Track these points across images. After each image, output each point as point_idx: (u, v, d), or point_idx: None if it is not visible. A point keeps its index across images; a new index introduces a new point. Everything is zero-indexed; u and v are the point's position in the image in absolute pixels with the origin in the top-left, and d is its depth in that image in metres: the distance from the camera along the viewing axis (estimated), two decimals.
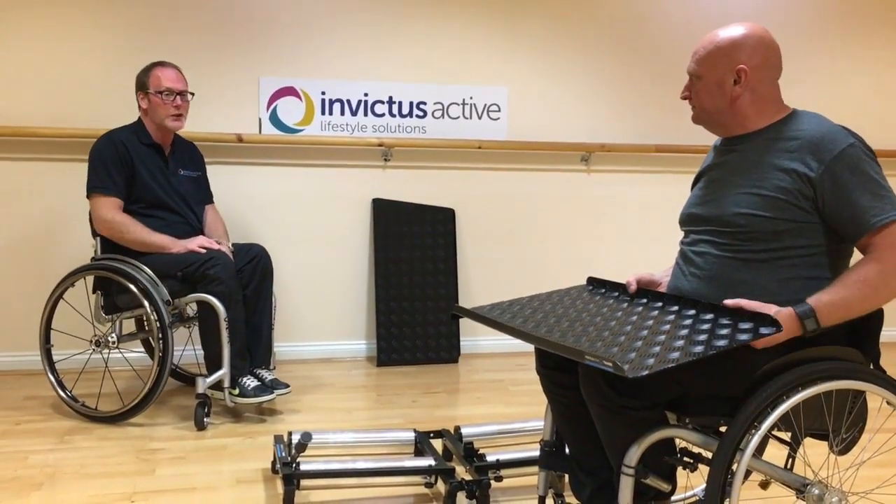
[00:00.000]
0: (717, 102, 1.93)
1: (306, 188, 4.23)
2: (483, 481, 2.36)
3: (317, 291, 4.29)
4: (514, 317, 2.01)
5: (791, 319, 1.69)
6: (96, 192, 3.20)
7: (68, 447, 2.88)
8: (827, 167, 1.76)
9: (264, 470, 2.68)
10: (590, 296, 2.13)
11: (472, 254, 4.47)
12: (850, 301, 1.72)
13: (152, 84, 3.27)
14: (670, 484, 1.82)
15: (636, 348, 1.63)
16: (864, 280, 1.72)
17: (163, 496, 2.46)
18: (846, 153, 1.77)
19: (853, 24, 4.79)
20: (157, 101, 3.26)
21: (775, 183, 1.81)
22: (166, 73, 3.28)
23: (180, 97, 3.30)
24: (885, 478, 2.22)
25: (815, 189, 1.78)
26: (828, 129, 1.82)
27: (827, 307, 1.70)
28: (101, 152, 3.22)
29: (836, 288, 1.73)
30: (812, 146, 1.79)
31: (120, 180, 3.20)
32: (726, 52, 1.89)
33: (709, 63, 1.91)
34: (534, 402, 3.50)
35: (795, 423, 1.73)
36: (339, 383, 3.84)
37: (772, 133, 1.89)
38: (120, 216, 3.19)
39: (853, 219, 1.76)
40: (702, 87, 1.94)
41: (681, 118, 4.59)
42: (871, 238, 1.75)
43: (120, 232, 3.19)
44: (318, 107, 4.20)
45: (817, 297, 1.71)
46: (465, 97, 4.37)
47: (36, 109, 3.87)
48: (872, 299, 1.74)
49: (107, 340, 3.22)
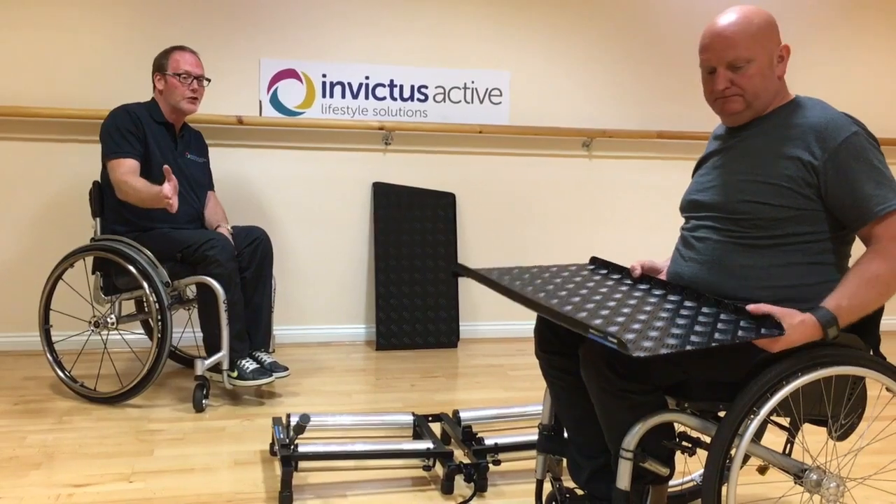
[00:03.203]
0: (768, 83, 1.87)
1: (307, 171, 4.21)
2: (481, 465, 2.36)
3: (317, 275, 4.28)
4: (513, 280, 1.99)
5: (813, 327, 1.67)
6: (114, 157, 3.17)
7: (67, 427, 2.88)
8: (831, 155, 1.75)
9: (262, 452, 2.68)
10: (590, 274, 2.12)
11: (472, 239, 4.46)
12: (867, 302, 1.72)
13: (171, 66, 3.28)
14: (668, 468, 1.81)
15: (635, 330, 1.62)
16: (876, 278, 1.71)
17: (161, 477, 2.46)
18: (850, 141, 1.75)
19: (853, 12, 4.77)
20: (175, 83, 3.27)
21: (779, 171, 1.80)
22: (185, 57, 3.31)
23: (197, 81, 3.33)
24: (882, 464, 2.22)
25: (818, 177, 1.76)
26: (832, 116, 1.80)
27: (847, 311, 1.69)
28: (117, 120, 3.22)
29: (851, 289, 1.71)
30: (816, 134, 1.78)
31: (136, 144, 3.20)
32: (769, 30, 1.85)
33: (757, 44, 1.84)
34: (533, 387, 3.50)
35: (794, 408, 1.73)
36: (339, 367, 3.84)
37: (775, 120, 1.88)
38: (136, 180, 3.12)
39: (856, 207, 1.75)
40: (755, 69, 1.84)
41: (683, 105, 4.58)
42: (873, 227, 1.74)
43: (136, 195, 3.11)
44: (319, 89, 4.18)
45: (836, 301, 1.69)
46: (466, 81, 4.35)
47: (36, 90, 3.85)
48: (886, 295, 1.74)
49: (106, 321, 3.22)
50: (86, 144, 3.25)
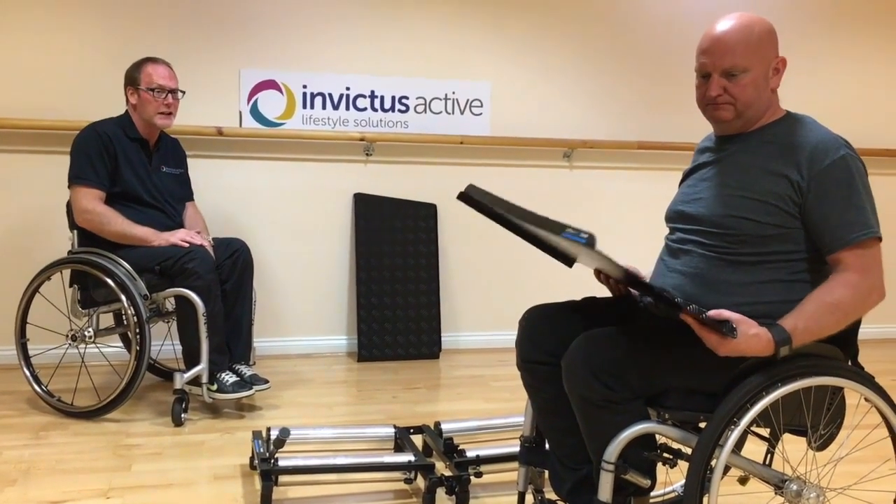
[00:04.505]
0: (761, 94, 1.85)
1: (287, 182, 4.20)
2: (463, 477, 2.35)
3: (297, 286, 4.26)
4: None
5: (767, 343, 1.67)
6: (78, 183, 3.15)
7: (43, 443, 2.84)
8: (816, 175, 1.74)
9: (242, 466, 2.66)
10: None
11: (453, 250, 4.46)
12: (824, 327, 1.72)
13: (143, 80, 3.23)
14: (650, 479, 1.81)
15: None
16: (836, 305, 1.71)
17: (139, 492, 2.43)
18: (837, 164, 1.74)
19: (839, 22, 4.82)
20: (148, 98, 3.22)
21: (766, 187, 1.79)
22: (158, 70, 3.24)
23: (171, 95, 3.27)
24: (862, 474, 2.23)
25: (802, 196, 1.76)
26: (823, 137, 1.79)
27: (802, 334, 1.69)
28: (85, 142, 3.18)
29: (810, 312, 1.71)
30: (805, 153, 1.77)
31: (103, 171, 3.16)
32: (768, 40, 1.83)
33: (756, 54, 1.82)
34: (514, 398, 3.49)
35: (774, 419, 1.73)
36: (320, 379, 3.82)
37: (766, 136, 1.86)
38: (101, 207, 3.15)
39: (830, 231, 1.74)
40: (748, 80, 1.82)
41: (663, 116, 4.60)
42: (843, 253, 1.73)
43: (100, 223, 3.14)
44: (300, 100, 4.17)
45: (793, 322, 1.69)
46: (447, 92, 4.35)
47: (14, 101, 3.81)
48: (843, 322, 1.74)
49: (83, 335, 3.19)
50: (62, 156, 3.21)
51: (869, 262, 1.74)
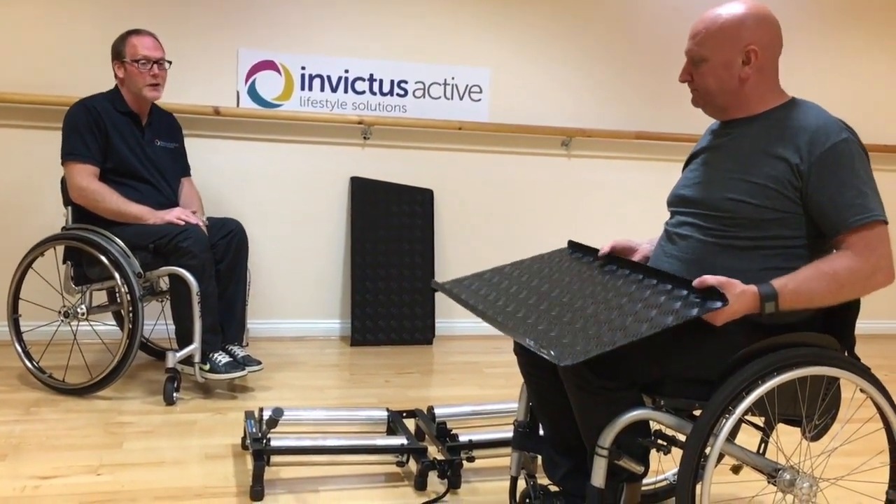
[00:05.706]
0: (724, 84, 1.86)
1: (284, 164, 4.17)
2: (455, 461, 2.35)
3: (292, 269, 4.25)
4: (489, 291, 1.99)
5: (753, 298, 1.67)
6: (71, 159, 3.13)
7: (34, 419, 2.83)
8: (817, 159, 1.74)
9: (234, 445, 2.65)
10: (568, 263, 2.12)
11: (449, 236, 4.45)
12: (814, 293, 1.70)
13: (128, 52, 3.19)
14: (643, 466, 1.81)
15: (577, 329, 1.64)
16: (833, 275, 1.70)
17: (130, 470, 2.42)
18: (838, 147, 1.74)
19: (842, 18, 4.81)
20: (134, 70, 3.19)
21: (766, 171, 1.79)
22: (143, 41, 3.20)
23: (157, 66, 3.22)
24: (855, 465, 2.24)
25: (802, 179, 1.76)
26: (824, 121, 1.79)
27: (791, 294, 1.68)
28: (75, 118, 3.15)
29: (805, 277, 1.70)
30: (806, 136, 1.77)
31: (94, 146, 3.14)
32: (732, 31, 1.83)
33: (713, 44, 1.84)
34: (508, 384, 3.49)
35: (769, 408, 1.73)
36: (312, 362, 3.81)
37: (769, 120, 1.86)
38: (95, 184, 3.13)
39: (834, 214, 1.74)
40: (707, 69, 1.86)
41: (662, 106, 4.59)
42: (847, 236, 1.73)
43: (95, 200, 3.12)
44: (298, 82, 4.14)
45: (783, 281, 1.69)
46: (446, 77, 4.33)
47: (8, 75, 3.78)
48: (836, 295, 1.73)
49: (76, 312, 3.17)
50: (56, 131, 3.19)
51: (874, 243, 1.73)
